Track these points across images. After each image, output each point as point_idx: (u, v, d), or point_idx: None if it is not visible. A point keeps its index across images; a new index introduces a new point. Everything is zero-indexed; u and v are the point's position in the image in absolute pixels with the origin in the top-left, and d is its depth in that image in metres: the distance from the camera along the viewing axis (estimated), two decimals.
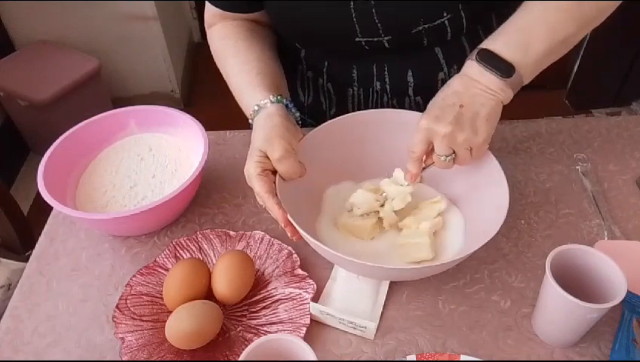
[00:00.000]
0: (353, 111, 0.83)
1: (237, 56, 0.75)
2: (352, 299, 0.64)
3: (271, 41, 0.81)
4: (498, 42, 0.61)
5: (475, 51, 0.61)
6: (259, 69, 0.73)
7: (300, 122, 0.71)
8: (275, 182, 0.64)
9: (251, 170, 0.63)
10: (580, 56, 2.17)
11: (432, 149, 0.63)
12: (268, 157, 0.64)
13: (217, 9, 0.78)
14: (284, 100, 0.69)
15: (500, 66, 0.59)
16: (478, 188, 0.68)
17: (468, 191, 0.69)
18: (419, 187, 0.71)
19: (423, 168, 0.66)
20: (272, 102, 0.67)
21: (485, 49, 0.61)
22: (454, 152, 0.62)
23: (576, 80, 2.25)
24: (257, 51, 0.75)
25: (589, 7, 0.61)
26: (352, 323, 0.60)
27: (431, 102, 0.62)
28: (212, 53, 0.81)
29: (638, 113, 2.19)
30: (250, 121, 0.70)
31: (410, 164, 0.65)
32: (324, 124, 0.71)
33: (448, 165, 0.63)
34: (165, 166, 0.80)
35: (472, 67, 0.61)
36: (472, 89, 0.60)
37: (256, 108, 0.68)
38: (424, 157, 0.65)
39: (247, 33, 0.77)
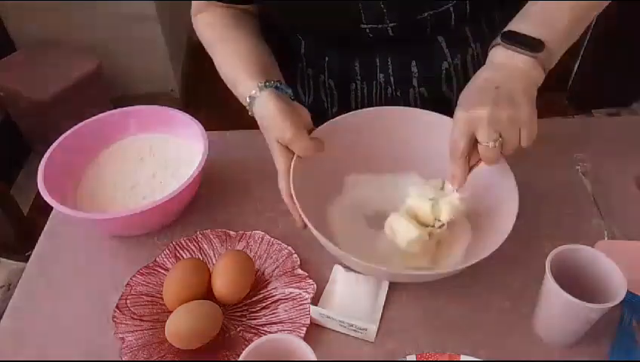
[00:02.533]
0: (356, 108, 0.83)
1: (225, 44, 0.76)
2: (351, 301, 0.64)
3: (256, 27, 0.81)
4: (521, 24, 0.60)
5: (498, 38, 0.60)
6: (249, 56, 0.73)
7: (293, 98, 0.71)
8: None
9: (281, 165, 0.66)
10: (580, 56, 2.17)
11: (475, 146, 0.60)
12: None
13: None
14: (273, 83, 0.68)
15: (528, 43, 0.58)
16: (489, 197, 0.67)
17: (479, 197, 0.69)
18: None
19: (470, 168, 0.62)
20: (260, 89, 0.67)
21: (509, 30, 0.60)
22: (501, 136, 0.58)
23: (576, 80, 2.25)
24: (246, 38, 0.76)
25: None
26: (352, 325, 0.60)
27: (462, 95, 0.61)
28: (201, 41, 0.81)
29: (638, 113, 2.18)
30: (249, 113, 0.70)
31: (454, 165, 0.61)
32: (354, 112, 0.72)
33: (497, 153, 0.58)
34: (165, 166, 0.80)
35: (498, 52, 0.60)
36: (505, 72, 0.59)
37: (248, 100, 0.69)
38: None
39: (234, 20, 0.78)
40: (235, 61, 0.73)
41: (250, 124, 0.92)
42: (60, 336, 0.64)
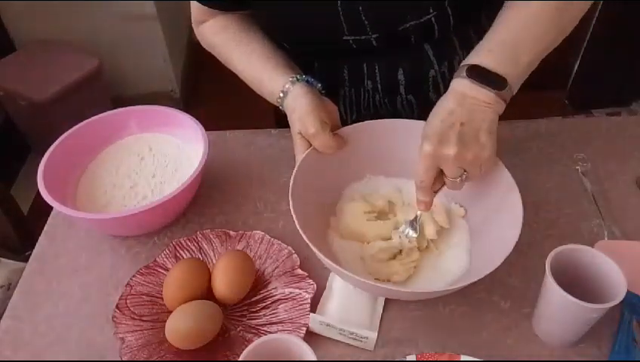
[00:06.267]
0: (345, 112, 0.84)
1: (240, 47, 0.76)
2: (350, 308, 0.63)
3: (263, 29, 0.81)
4: (485, 57, 0.60)
5: (464, 68, 0.60)
6: (267, 55, 0.74)
7: (323, 92, 0.74)
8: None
9: (297, 155, 0.68)
10: (580, 56, 2.17)
11: (440, 172, 0.62)
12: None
13: (206, 7, 0.78)
14: (304, 77, 0.71)
15: (493, 80, 0.59)
16: (492, 211, 0.67)
17: (481, 208, 0.69)
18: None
19: (435, 192, 0.65)
20: (293, 83, 0.70)
21: (474, 65, 0.60)
22: (465, 171, 0.61)
23: (576, 80, 2.25)
24: (258, 38, 0.77)
25: (568, 14, 0.62)
26: (352, 333, 0.60)
27: (427, 125, 0.61)
28: (209, 48, 0.82)
29: (638, 113, 2.18)
30: (280, 107, 0.72)
31: (420, 193, 0.64)
32: (379, 120, 0.73)
33: (460, 185, 0.62)
34: (165, 166, 0.80)
35: (462, 84, 0.60)
36: (467, 105, 0.59)
37: (281, 95, 0.70)
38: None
39: (242, 24, 0.78)
40: (257, 59, 0.75)
41: (250, 124, 0.92)
42: (59, 336, 0.64)
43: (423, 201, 0.64)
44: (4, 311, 0.67)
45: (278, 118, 0.92)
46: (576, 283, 0.56)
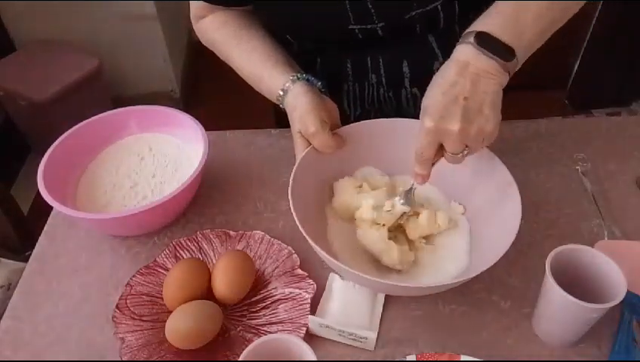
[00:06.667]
0: (349, 107, 0.83)
1: (241, 44, 0.76)
2: (350, 309, 0.63)
3: (263, 26, 0.81)
4: (493, 25, 0.58)
5: (471, 35, 0.58)
6: (268, 52, 0.74)
7: (323, 90, 0.73)
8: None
9: (297, 153, 0.68)
10: (580, 56, 2.17)
11: (440, 146, 0.61)
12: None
13: (206, 2, 0.78)
14: (304, 76, 0.71)
15: (500, 50, 0.57)
16: (491, 207, 0.67)
17: (480, 205, 0.69)
18: (431, 192, 0.72)
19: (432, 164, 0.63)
20: (293, 82, 0.70)
21: (483, 32, 0.58)
22: (466, 146, 0.59)
23: (576, 80, 2.25)
24: (259, 36, 0.77)
25: None
26: (352, 334, 0.60)
27: (428, 97, 0.59)
28: (208, 45, 0.81)
29: (638, 113, 2.19)
30: (280, 106, 0.72)
31: (418, 166, 0.63)
32: (379, 120, 0.73)
33: (461, 160, 0.61)
34: (165, 166, 0.80)
35: (466, 51, 0.58)
36: (471, 75, 0.57)
37: (281, 93, 0.70)
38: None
39: (242, 20, 0.78)
40: (258, 57, 0.74)
41: (250, 123, 0.92)
42: (59, 336, 0.64)
43: (421, 174, 0.63)
44: (4, 311, 0.67)
45: (278, 118, 0.92)
46: (576, 283, 0.56)
